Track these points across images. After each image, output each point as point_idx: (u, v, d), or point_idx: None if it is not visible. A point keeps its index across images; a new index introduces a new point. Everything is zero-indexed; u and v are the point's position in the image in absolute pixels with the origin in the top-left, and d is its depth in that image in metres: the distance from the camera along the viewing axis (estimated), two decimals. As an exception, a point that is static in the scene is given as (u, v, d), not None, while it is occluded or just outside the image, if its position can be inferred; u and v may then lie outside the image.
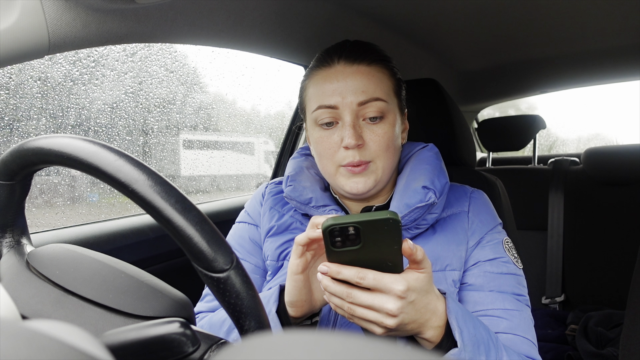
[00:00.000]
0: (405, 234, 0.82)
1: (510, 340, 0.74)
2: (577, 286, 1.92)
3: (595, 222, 1.90)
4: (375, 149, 0.80)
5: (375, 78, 0.80)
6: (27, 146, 0.46)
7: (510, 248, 0.85)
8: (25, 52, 0.69)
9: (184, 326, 0.41)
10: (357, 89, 0.79)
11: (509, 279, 0.80)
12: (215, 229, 0.43)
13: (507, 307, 0.77)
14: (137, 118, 1.49)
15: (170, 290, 0.50)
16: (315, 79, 0.83)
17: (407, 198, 0.81)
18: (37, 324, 0.25)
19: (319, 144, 0.83)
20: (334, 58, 0.81)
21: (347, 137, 0.77)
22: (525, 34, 1.57)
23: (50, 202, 1.31)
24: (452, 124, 1.09)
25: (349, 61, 0.80)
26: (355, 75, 0.79)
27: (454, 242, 0.82)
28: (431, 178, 0.82)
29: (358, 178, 0.80)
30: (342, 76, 0.80)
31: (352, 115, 0.79)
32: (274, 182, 1.00)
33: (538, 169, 2.14)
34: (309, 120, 0.85)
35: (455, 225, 0.84)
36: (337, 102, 0.79)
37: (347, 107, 0.79)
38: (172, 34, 0.94)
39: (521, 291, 0.80)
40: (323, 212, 0.85)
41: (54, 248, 0.51)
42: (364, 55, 0.81)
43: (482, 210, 0.86)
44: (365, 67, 0.80)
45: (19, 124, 1.18)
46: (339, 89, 0.79)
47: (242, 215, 1.00)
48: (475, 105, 2.55)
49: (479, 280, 0.80)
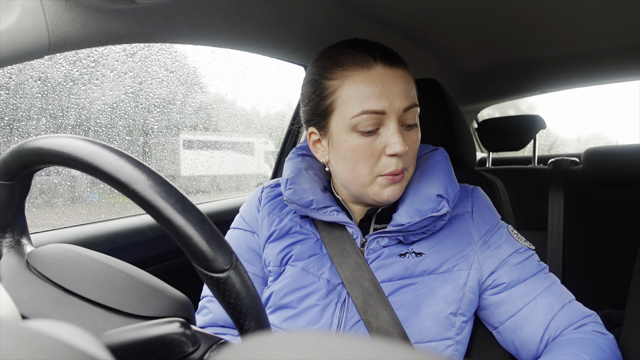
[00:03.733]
0: (411, 237, 0.82)
1: (565, 313, 0.79)
2: (577, 286, 1.91)
3: (595, 222, 1.90)
4: (411, 156, 0.80)
5: (411, 83, 0.79)
6: (27, 146, 0.46)
7: (517, 235, 0.88)
8: (25, 52, 0.69)
9: (184, 326, 0.41)
10: (402, 93, 0.75)
11: (532, 261, 0.84)
12: (215, 229, 0.43)
13: (545, 285, 0.81)
14: (137, 118, 1.49)
15: (170, 290, 0.50)
16: (352, 81, 0.75)
17: (418, 204, 0.80)
18: (37, 324, 0.25)
19: (357, 152, 0.76)
20: (369, 58, 0.75)
21: (398, 144, 0.74)
22: (525, 34, 1.57)
23: (50, 202, 1.31)
24: (452, 124, 1.09)
25: (387, 63, 0.75)
26: (397, 79, 0.75)
27: (461, 243, 0.82)
28: (445, 186, 0.80)
29: (395, 186, 0.79)
30: (385, 79, 0.74)
31: (397, 121, 0.75)
32: (269, 186, 0.97)
33: (538, 169, 2.13)
34: (340, 125, 0.77)
35: (460, 226, 0.84)
36: (385, 107, 0.74)
37: (394, 112, 0.75)
38: (172, 34, 0.94)
39: (543, 267, 0.84)
40: (324, 214, 0.83)
41: (54, 248, 0.51)
42: (397, 58, 0.77)
43: (484, 209, 0.87)
44: (402, 71, 0.77)
45: (19, 124, 1.18)
46: (385, 94, 0.74)
47: (237, 221, 0.97)
48: (475, 105, 2.55)
49: (513, 275, 0.82)
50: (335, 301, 0.80)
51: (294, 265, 0.84)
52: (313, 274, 0.83)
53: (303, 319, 0.80)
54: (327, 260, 0.83)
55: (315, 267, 0.83)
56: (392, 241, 0.83)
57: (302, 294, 0.81)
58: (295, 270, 0.84)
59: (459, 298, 0.79)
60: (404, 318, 0.77)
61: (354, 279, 0.79)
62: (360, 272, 0.79)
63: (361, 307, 0.77)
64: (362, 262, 0.80)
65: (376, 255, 0.82)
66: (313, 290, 0.81)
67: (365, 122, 0.74)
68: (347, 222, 0.84)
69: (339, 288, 0.81)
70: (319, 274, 0.82)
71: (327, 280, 0.81)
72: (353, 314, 0.79)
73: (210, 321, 0.89)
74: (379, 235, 0.83)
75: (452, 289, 0.79)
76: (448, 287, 0.79)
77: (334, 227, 0.85)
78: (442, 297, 0.78)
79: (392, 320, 0.76)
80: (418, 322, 0.77)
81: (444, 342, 0.78)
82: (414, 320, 0.77)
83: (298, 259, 0.85)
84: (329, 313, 0.79)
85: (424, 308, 0.78)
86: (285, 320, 0.82)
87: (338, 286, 0.81)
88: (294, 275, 0.83)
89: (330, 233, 0.84)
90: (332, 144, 0.81)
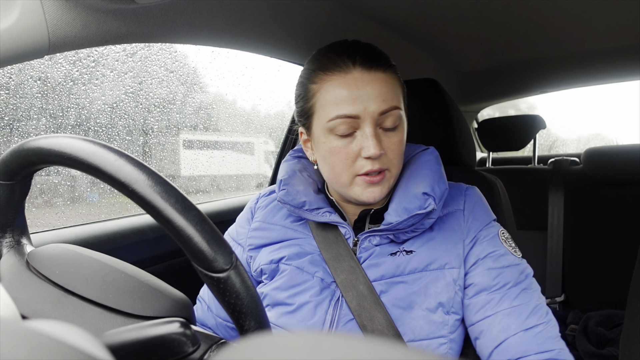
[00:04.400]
0: (402, 236, 0.82)
1: (523, 340, 0.74)
2: (577, 286, 1.92)
3: (595, 222, 1.90)
4: (392, 157, 0.80)
5: (392, 85, 0.78)
6: (27, 146, 0.46)
7: (506, 239, 0.85)
8: (25, 52, 0.69)
9: (184, 326, 0.41)
10: (378, 97, 0.75)
11: (511, 272, 0.80)
12: (215, 229, 0.43)
13: (514, 304, 0.76)
14: (137, 118, 1.49)
15: (170, 290, 0.50)
16: (330, 85, 0.77)
17: (405, 202, 0.81)
18: (37, 324, 0.25)
19: (334, 154, 0.78)
20: (348, 62, 0.76)
21: (371, 147, 0.75)
22: (525, 34, 1.57)
23: (50, 202, 1.31)
24: (452, 124, 1.09)
25: (365, 67, 0.76)
26: (374, 82, 0.76)
27: (452, 241, 0.82)
28: (432, 184, 0.81)
29: (374, 187, 0.79)
30: (361, 83, 0.75)
31: (373, 125, 0.76)
32: (264, 195, 0.99)
33: (538, 169, 2.14)
34: (319, 128, 0.80)
35: (452, 224, 0.84)
36: (359, 111, 0.75)
37: (368, 116, 0.75)
38: (172, 34, 0.94)
39: (524, 280, 0.80)
40: (317, 215, 0.84)
41: (54, 248, 0.51)
42: (378, 61, 0.78)
43: (476, 206, 0.86)
44: (382, 74, 0.77)
45: (19, 124, 1.18)
46: (360, 98, 0.75)
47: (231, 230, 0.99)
48: (475, 105, 2.55)
49: (484, 280, 0.79)
50: (329, 299, 0.81)
51: (288, 264, 0.86)
52: (307, 272, 0.84)
53: (297, 315, 0.81)
54: (321, 262, 0.84)
55: (310, 266, 0.84)
56: (383, 240, 0.83)
57: (296, 291, 0.82)
58: (290, 269, 0.85)
59: (450, 296, 0.79)
60: (396, 317, 0.78)
61: (348, 282, 0.80)
62: (355, 275, 0.80)
63: (356, 310, 0.78)
64: (356, 265, 0.81)
65: (368, 254, 0.83)
66: (307, 287, 0.82)
67: (340, 125, 0.76)
68: (339, 222, 0.85)
69: (332, 287, 0.82)
70: (312, 272, 0.83)
71: (321, 279, 0.82)
72: (346, 312, 0.79)
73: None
74: (371, 234, 0.84)
75: (444, 287, 0.79)
76: (439, 285, 0.79)
77: (328, 230, 0.86)
78: (434, 295, 0.79)
79: (387, 323, 0.77)
80: (410, 320, 0.78)
81: (437, 340, 0.78)
82: (406, 318, 0.78)
83: (293, 258, 0.86)
84: (322, 310, 0.80)
85: (415, 306, 0.78)
86: (280, 317, 0.83)
87: (332, 285, 0.82)
88: (289, 273, 0.84)
89: (325, 237, 0.86)
90: (315, 144, 0.84)
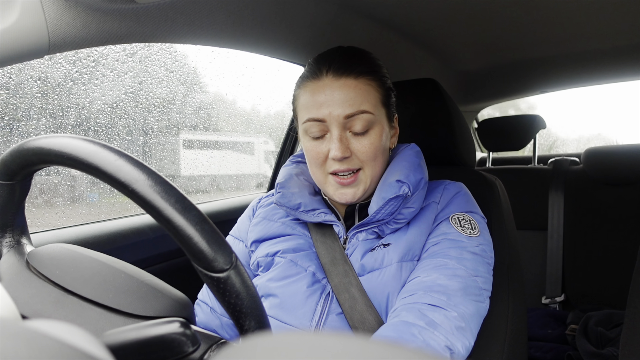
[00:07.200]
0: (385, 229, 0.85)
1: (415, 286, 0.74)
2: (577, 286, 1.92)
3: (595, 222, 1.90)
4: (364, 159, 0.83)
5: (362, 91, 0.82)
6: (27, 146, 0.46)
7: (461, 221, 0.83)
8: (25, 52, 0.69)
9: (184, 326, 0.41)
10: (344, 102, 0.80)
11: (445, 245, 0.79)
12: (215, 229, 0.43)
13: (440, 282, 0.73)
14: (137, 118, 1.49)
15: (170, 290, 0.50)
16: (305, 90, 0.85)
17: (383, 192, 0.83)
18: (37, 324, 0.25)
19: (309, 153, 0.86)
20: (322, 70, 0.83)
21: (334, 149, 0.80)
22: (525, 34, 1.57)
23: (50, 202, 1.31)
24: (452, 124, 1.09)
25: (336, 74, 0.81)
26: (342, 89, 0.81)
27: (425, 233, 0.84)
28: (406, 173, 0.84)
29: (346, 189, 0.84)
30: (329, 90, 0.81)
31: (339, 129, 0.81)
32: (266, 197, 1.04)
33: (538, 169, 2.13)
34: (300, 129, 0.88)
35: (427, 216, 0.86)
36: (325, 115, 0.81)
37: (334, 120, 0.81)
38: (172, 34, 0.94)
39: (463, 256, 0.77)
40: (312, 216, 0.88)
41: (54, 248, 0.51)
42: (351, 68, 0.82)
43: (454, 199, 0.88)
44: (353, 81, 0.82)
45: (19, 124, 1.18)
46: (326, 103, 0.81)
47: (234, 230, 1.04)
48: (475, 105, 2.55)
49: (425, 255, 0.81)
50: (320, 292, 0.83)
51: (283, 257, 0.88)
52: (300, 265, 0.86)
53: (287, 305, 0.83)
54: (315, 259, 0.87)
55: (303, 260, 0.87)
56: (369, 235, 0.86)
57: (288, 282, 0.85)
58: (284, 262, 0.88)
59: None
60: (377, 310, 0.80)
61: (342, 286, 0.82)
62: (348, 279, 0.82)
63: (348, 314, 0.80)
64: (349, 269, 0.84)
65: (353, 250, 0.86)
66: (298, 279, 0.84)
67: (311, 128, 0.83)
68: (333, 221, 0.88)
69: (323, 282, 0.84)
70: (305, 266, 0.86)
71: (313, 273, 0.85)
72: (336, 306, 0.82)
73: None
74: (358, 231, 0.87)
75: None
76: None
77: (325, 230, 0.89)
78: None
79: (378, 325, 0.78)
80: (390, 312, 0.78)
81: None
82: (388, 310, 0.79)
83: (288, 252, 0.89)
84: (313, 301, 0.82)
85: (392, 298, 0.79)
86: (272, 307, 0.85)
87: (323, 280, 0.84)
88: (282, 265, 0.87)
89: (323, 241, 0.88)
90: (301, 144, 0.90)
